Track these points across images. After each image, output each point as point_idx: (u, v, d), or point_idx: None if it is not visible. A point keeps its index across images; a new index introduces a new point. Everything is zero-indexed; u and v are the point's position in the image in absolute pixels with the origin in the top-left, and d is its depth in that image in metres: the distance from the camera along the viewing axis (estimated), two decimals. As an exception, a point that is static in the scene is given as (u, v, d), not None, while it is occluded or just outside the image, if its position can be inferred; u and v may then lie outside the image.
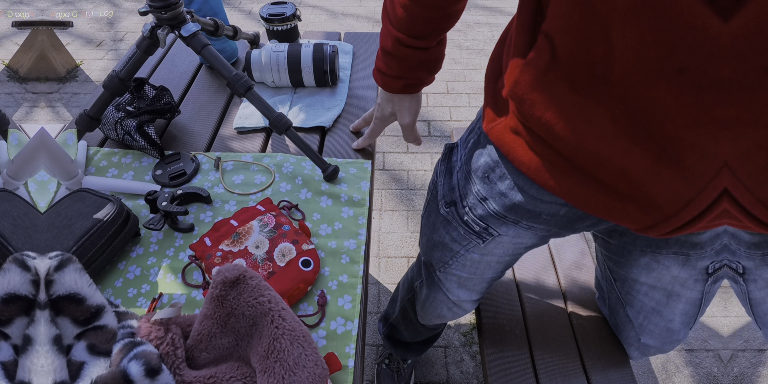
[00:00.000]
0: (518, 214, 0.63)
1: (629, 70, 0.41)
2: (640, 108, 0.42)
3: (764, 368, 1.36)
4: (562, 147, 0.50)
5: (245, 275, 0.53)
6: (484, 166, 0.63)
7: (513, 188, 0.61)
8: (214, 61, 0.79)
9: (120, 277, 0.69)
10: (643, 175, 0.46)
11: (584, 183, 0.51)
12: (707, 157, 0.41)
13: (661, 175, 0.45)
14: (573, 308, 0.98)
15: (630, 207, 0.49)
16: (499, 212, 0.64)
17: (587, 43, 0.43)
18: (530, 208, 0.61)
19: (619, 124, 0.44)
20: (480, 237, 0.69)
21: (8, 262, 0.48)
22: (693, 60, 0.37)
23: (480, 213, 0.67)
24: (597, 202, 0.51)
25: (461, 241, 0.72)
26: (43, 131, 0.72)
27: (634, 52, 0.40)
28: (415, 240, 1.72)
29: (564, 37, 0.45)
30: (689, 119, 0.40)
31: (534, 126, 0.52)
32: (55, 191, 0.78)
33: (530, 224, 0.64)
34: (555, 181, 0.54)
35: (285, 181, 0.81)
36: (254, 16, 2.96)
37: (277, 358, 0.49)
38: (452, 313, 0.89)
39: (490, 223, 0.67)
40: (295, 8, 1.02)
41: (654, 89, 0.41)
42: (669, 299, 0.73)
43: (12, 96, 2.27)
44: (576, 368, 0.89)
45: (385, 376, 1.35)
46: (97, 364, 0.49)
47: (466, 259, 0.75)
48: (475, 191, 0.66)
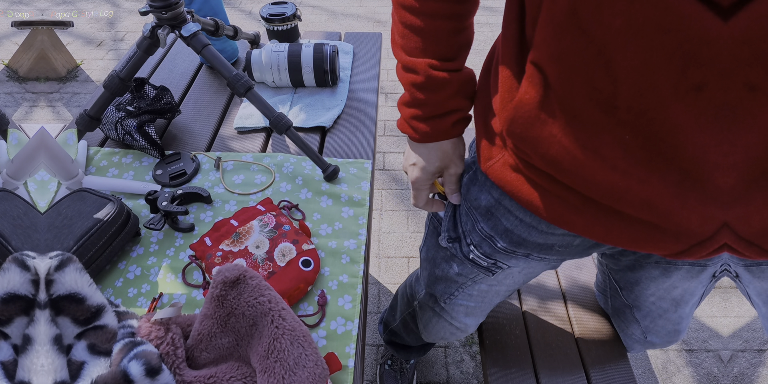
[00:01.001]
0: (528, 248, 0.59)
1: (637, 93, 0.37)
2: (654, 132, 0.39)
3: (764, 368, 1.36)
4: (573, 182, 0.45)
5: (245, 275, 0.53)
6: (486, 203, 0.59)
7: (520, 225, 0.56)
8: (214, 61, 0.79)
9: (120, 276, 0.69)
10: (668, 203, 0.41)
11: (603, 216, 0.47)
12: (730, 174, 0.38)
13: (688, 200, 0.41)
14: (573, 308, 0.98)
15: (658, 236, 0.45)
16: (508, 248, 0.60)
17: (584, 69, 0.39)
18: (541, 242, 0.57)
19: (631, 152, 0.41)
20: (489, 271, 0.66)
21: (8, 261, 0.48)
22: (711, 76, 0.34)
23: (486, 250, 0.62)
24: (620, 235, 0.47)
25: (468, 274, 0.69)
26: (43, 131, 0.72)
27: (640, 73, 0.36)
28: (415, 240, 1.72)
29: (556, 65, 0.41)
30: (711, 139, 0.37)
31: (539, 163, 0.47)
32: (56, 191, 0.78)
33: (542, 256, 0.60)
34: (569, 217, 0.49)
35: (285, 181, 0.81)
36: (254, 16, 2.96)
37: (277, 358, 0.49)
38: (456, 336, 0.89)
39: (499, 258, 0.63)
40: (295, 8, 1.02)
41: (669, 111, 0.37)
42: (677, 307, 0.73)
43: (11, 96, 2.27)
44: (576, 368, 0.89)
45: (388, 377, 1.35)
46: (98, 364, 0.49)
47: (473, 290, 0.72)
48: (479, 229, 0.61)
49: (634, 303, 0.79)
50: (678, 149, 0.38)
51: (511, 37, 0.48)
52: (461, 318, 0.81)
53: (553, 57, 0.41)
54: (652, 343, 0.84)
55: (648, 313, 0.78)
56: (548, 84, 0.43)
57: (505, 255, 0.61)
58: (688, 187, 0.40)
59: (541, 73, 0.43)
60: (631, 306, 0.81)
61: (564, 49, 0.40)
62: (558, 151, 0.44)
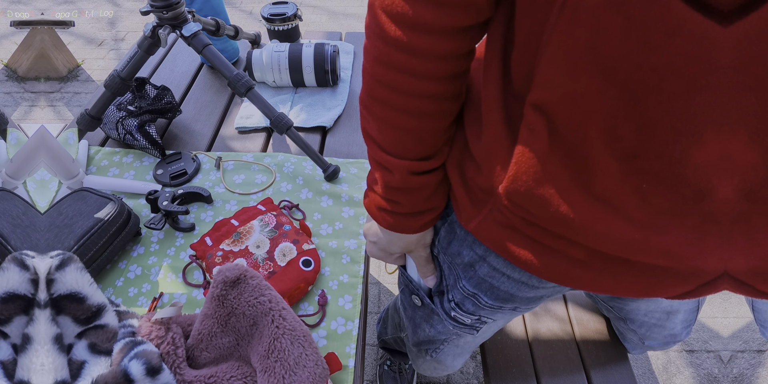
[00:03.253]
0: (516, 302, 0.54)
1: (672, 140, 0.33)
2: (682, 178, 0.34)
3: (763, 369, 1.36)
4: (584, 238, 0.41)
5: (246, 275, 0.53)
6: (469, 260, 0.53)
7: (508, 282, 0.51)
8: (215, 60, 0.79)
9: (121, 276, 0.69)
10: (688, 249, 0.38)
11: (611, 268, 0.43)
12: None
13: (707, 244, 0.37)
14: (573, 308, 0.98)
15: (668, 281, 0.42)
16: (494, 304, 0.55)
17: (603, 114, 0.34)
18: (531, 296, 0.53)
19: (649, 202, 0.36)
20: (473, 328, 0.61)
21: (7, 261, 0.48)
22: None
23: (470, 308, 0.57)
24: (630, 285, 0.43)
25: (451, 331, 0.65)
26: (43, 130, 0.72)
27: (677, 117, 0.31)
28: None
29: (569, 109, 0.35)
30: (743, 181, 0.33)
31: (544, 222, 0.42)
32: (57, 190, 0.78)
33: (530, 307, 0.57)
34: (574, 273, 0.44)
35: (286, 181, 0.81)
36: (255, 16, 2.96)
37: (277, 358, 0.49)
38: (446, 373, 0.88)
39: (483, 314, 0.58)
40: (296, 8, 1.02)
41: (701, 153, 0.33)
42: (669, 315, 0.73)
43: (11, 95, 2.27)
44: (577, 369, 0.89)
45: (387, 378, 1.35)
46: (98, 363, 0.49)
47: (459, 341, 0.70)
48: (461, 287, 0.56)
49: (626, 317, 0.80)
50: (706, 193, 0.34)
51: (492, 76, 0.41)
52: (449, 363, 0.80)
53: (565, 99, 0.35)
54: (650, 347, 0.84)
55: (642, 324, 0.79)
56: (555, 131, 0.37)
57: (491, 311, 0.56)
58: (707, 230, 0.36)
59: (547, 118, 0.37)
60: (623, 319, 0.81)
61: (580, 91, 0.34)
62: (568, 207, 0.39)
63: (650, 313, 0.74)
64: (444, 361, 0.79)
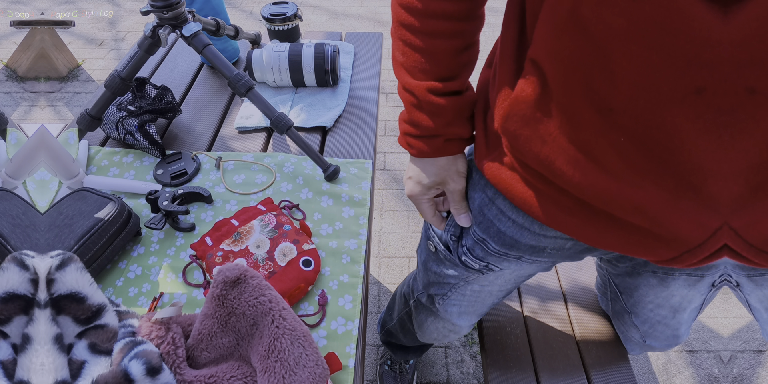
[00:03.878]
0: (520, 250, 0.58)
1: (635, 95, 0.36)
2: (650, 136, 0.38)
3: (763, 369, 1.36)
4: (565, 183, 0.45)
5: (246, 275, 0.53)
6: (479, 203, 0.58)
7: (512, 226, 0.55)
8: (215, 60, 0.79)
9: (121, 276, 0.69)
10: (660, 209, 0.41)
11: (595, 219, 0.46)
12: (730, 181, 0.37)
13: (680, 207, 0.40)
14: (573, 309, 0.98)
15: (649, 241, 0.45)
16: (500, 250, 0.59)
17: (581, 69, 0.38)
18: (533, 244, 0.56)
19: (625, 156, 0.40)
20: (480, 272, 0.66)
21: (6, 261, 0.48)
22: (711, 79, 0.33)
23: (479, 254, 0.62)
24: (611, 239, 0.47)
25: (460, 275, 0.69)
26: (43, 129, 0.72)
27: (640, 75, 0.35)
28: (416, 240, 1.72)
29: (554, 63, 0.40)
30: (709, 144, 0.36)
31: (532, 162, 0.46)
32: (57, 190, 0.78)
33: (533, 258, 0.60)
34: (562, 218, 0.48)
35: (286, 181, 0.81)
36: (255, 16, 2.96)
37: (277, 358, 0.49)
38: (449, 338, 0.88)
39: (491, 261, 0.62)
40: (296, 8, 1.02)
41: (667, 114, 0.36)
42: (675, 313, 0.73)
43: (10, 95, 2.27)
44: (577, 369, 0.89)
45: (387, 378, 1.35)
46: (98, 363, 0.49)
47: (466, 290, 0.73)
48: (472, 232, 0.60)
49: (633, 309, 0.79)
50: (674, 154, 0.37)
51: (510, 36, 0.47)
52: (454, 319, 0.81)
53: (551, 54, 0.40)
54: (651, 346, 0.84)
55: (646, 319, 0.78)
56: (545, 82, 0.42)
57: (497, 257, 0.60)
58: (682, 193, 0.39)
59: (539, 70, 0.42)
60: (629, 312, 0.81)
61: (563, 47, 0.39)
62: (551, 151, 0.44)
63: (657, 309, 0.73)
64: (450, 317, 0.80)
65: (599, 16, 0.35)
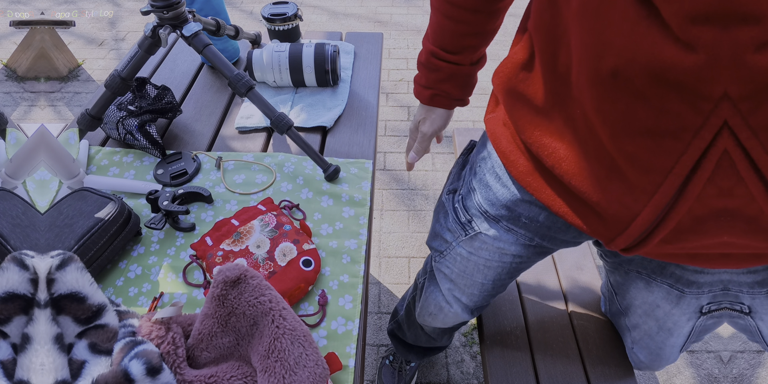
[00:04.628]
0: (498, 210, 0.63)
1: (578, 71, 0.41)
2: (590, 114, 0.41)
3: (763, 369, 1.36)
4: (527, 140, 0.51)
5: (246, 275, 0.53)
6: (481, 156, 0.65)
7: (497, 183, 0.62)
8: (215, 60, 0.79)
9: (121, 276, 0.69)
10: (593, 184, 0.45)
11: (550, 181, 0.52)
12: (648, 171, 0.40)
13: (609, 187, 0.44)
14: (574, 309, 0.98)
15: (591, 215, 0.49)
16: (482, 205, 0.65)
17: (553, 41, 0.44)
18: (510, 205, 0.61)
19: (576, 129, 0.44)
20: (464, 229, 0.70)
21: (6, 261, 0.48)
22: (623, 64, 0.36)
23: (467, 204, 0.68)
24: (561, 203, 0.51)
25: (452, 231, 0.73)
26: (43, 129, 0.72)
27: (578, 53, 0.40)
28: (416, 240, 1.72)
29: (537, 34, 0.46)
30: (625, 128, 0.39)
31: (511, 117, 0.53)
32: (57, 190, 0.78)
33: (509, 226, 0.64)
34: (528, 178, 0.54)
35: (286, 181, 0.81)
36: (256, 15, 2.96)
37: (277, 358, 0.49)
38: (443, 314, 0.86)
39: (474, 217, 0.67)
40: (296, 8, 1.02)
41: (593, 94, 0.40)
42: (660, 330, 0.73)
43: (10, 95, 2.27)
44: (577, 369, 0.89)
45: (386, 372, 1.34)
46: (98, 363, 0.49)
47: (456, 254, 0.74)
48: (468, 181, 0.68)
49: (626, 311, 0.80)
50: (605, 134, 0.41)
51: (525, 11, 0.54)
52: (445, 284, 0.80)
53: (536, 27, 0.46)
54: (637, 356, 0.84)
55: (636, 325, 0.79)
56: (533, 51, 0.48)
57: (480, 215, 0.66)
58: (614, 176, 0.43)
59: (530, 40, 0.48)
60: (623, 313, 0.81)
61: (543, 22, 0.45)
62: (522, 111, 0.50)
63: (645, 317, 0.74)
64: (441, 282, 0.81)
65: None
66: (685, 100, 0.35)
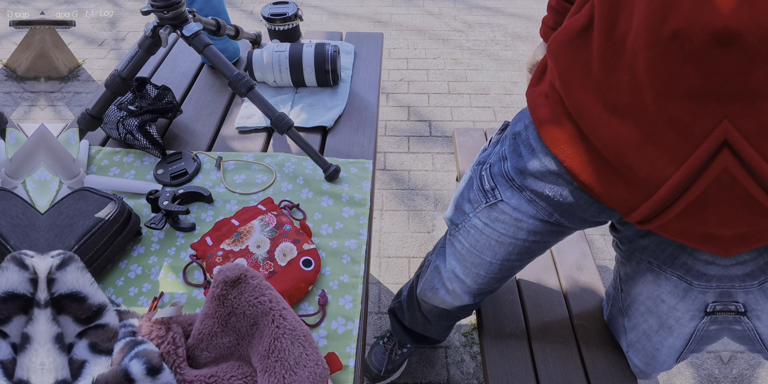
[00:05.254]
0: (524, 179, 0.65)
1: (636, 35, 0.42)
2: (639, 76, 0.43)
3: (763, 369, 1.36)
4: (573, 103, 0.52)
5: (246, 275, 0.53)
6: (518, 129, 0.67)
7: (530, 152, 0.64)
8: (215, 60, 0.79)
9: (121, 276, 0.69)
10: (628, 147, 0.46)
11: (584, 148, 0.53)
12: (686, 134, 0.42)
13: (645, 151, 0.45)
14: (574, 309, 0.98)
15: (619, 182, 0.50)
16: (509, 173, 0.67)
17: (615, 8, 0.45)
18: (538, 175, 0.63)
19: (623, 94, 0.45)
20: (485, 196, 0.71)
21: (6, 260, 0.48)
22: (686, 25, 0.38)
23: (495, 170, 0.70)
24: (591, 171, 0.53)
25: (473, 201, 0.74)
26: (43, 129, 0.72)
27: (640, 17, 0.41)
28: (416, 240, 1.72)
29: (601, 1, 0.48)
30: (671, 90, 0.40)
31: (556, 82, 0.55)
32: (57, 190, 0.78)
33: (532, 197, 0.65)
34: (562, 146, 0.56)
35: (286, 181, 0.81)
36: (256, 15, 2.96)
37: (277, 358, 0.49)
38: (444, 291, 0.85)
39: (499, 184, 0.69)
40: (296, 8, 1.02)
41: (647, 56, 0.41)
42: (660, 329, 0.73)
43: (10, 95, 2.27)
44: (577, 369, 0.89)
45: (377, 351, 1.32)
46: (99, 363, 0.49)
47: (471, 226, 0.75)
48: (501, 150, 0.70)
49: (627, 310, 0.80)
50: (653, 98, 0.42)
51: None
52: (451, 267, 0.80)
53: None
54: (631, 360, 0.84)
55: (635, 325, 0.78)
56: (592, 17, 0.50)
57: (505, 182, 0.68)
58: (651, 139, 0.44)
59: (592, 6, 0.50)
60: (624, 313, 0.81)
61: None
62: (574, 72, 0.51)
63: (647, 314, 0.73)
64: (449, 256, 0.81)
65: None
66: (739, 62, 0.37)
